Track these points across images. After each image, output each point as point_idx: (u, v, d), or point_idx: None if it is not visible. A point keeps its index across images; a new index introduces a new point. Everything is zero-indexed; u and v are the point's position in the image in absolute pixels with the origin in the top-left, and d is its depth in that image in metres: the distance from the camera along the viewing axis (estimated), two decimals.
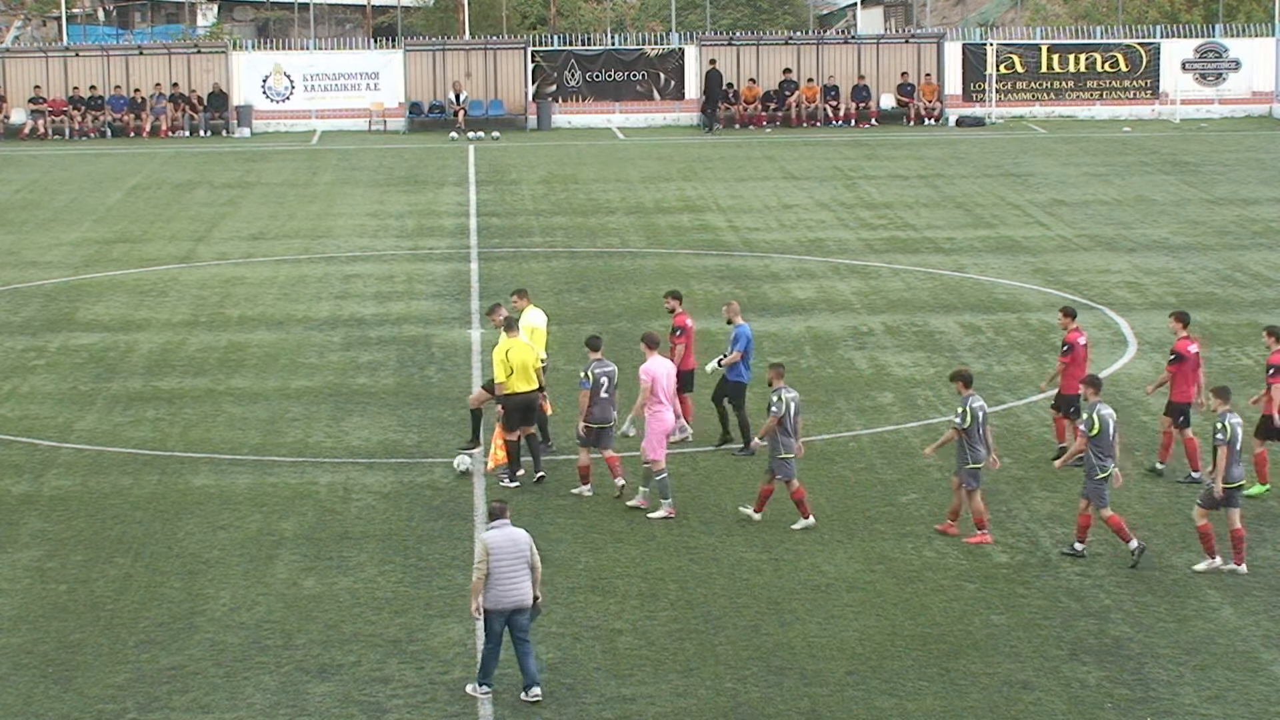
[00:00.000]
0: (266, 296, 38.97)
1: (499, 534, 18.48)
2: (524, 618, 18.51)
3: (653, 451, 24.37)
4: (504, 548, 18.39)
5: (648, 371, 24.73)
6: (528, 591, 18.47)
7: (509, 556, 18.38)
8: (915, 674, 19.13)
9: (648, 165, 60.01)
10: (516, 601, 18.40)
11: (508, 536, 18.47)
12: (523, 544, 18.48)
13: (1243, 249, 43.88)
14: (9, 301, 39.04)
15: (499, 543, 18.40)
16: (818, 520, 23.80)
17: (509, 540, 18.45)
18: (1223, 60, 72.93)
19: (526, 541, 18.54)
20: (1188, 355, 25.42)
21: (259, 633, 20.32)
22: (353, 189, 55.43)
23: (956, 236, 45.78)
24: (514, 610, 18.43)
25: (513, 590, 18.38)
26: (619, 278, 40.60)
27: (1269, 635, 20.14)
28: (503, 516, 18.59)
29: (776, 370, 24.11)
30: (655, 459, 24.30)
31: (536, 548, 18.74)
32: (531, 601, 18.51)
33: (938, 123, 70.96)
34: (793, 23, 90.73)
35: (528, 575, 18.47)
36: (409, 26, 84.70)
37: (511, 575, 18.37)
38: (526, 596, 18.46)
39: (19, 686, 19.00)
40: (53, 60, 70.73)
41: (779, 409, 23.46)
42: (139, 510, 24.73)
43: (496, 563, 18.34)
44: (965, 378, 23.51)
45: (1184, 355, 25.42)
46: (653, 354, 25.02)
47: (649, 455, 24.38)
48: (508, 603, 18.37)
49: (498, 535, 18.47)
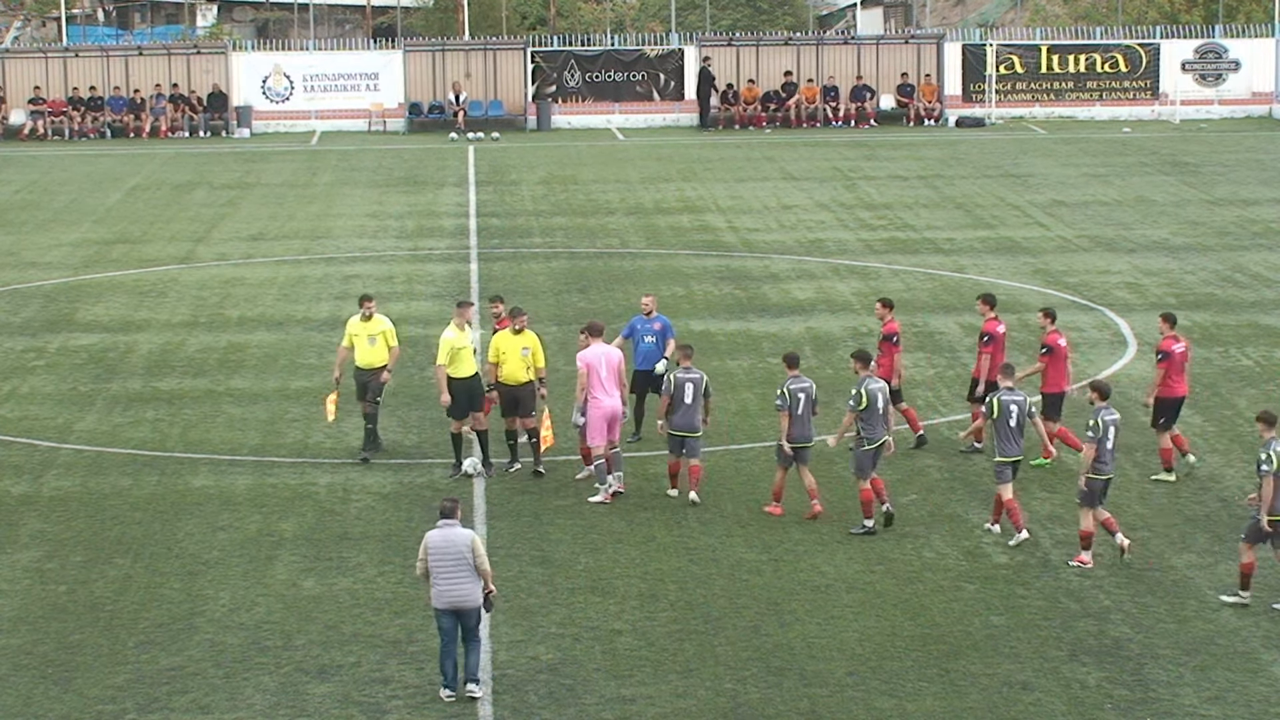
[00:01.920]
0: (266, 297, 38.97)
1: (438, 533, 18.49)
2: (471, 619, 18.50)
3: (591, 439, 24.83)
4: (440, 547, 18.40)
5: (583, 359, 25.07)
6: (469, 592, 18.38)
7: (447, 557, 18.36)
8: (915, 674, 19.13)
9: (647, 166, 60.02)
10: (454, 601, 18.35)
11: (446, 537, 18.44)
12: (460, 545, 18.38)
13: (1242, 250, 43.88)
14: (9, 302, 39.04)
15: (436, 542, 18.45)
16: (817, 521, 23.83)
17: (446, 541, 18.42)
18: (1222, 61, 72.94)
19: (466, 543, 18.40)
20: (1172, 353, 25.69)
21: (259, 633, 20.32)
22: (352, 189, 55.45)
23: (956, 237, 45.78)
24: (453, 610, 18.40)
25: (451, 589, 18.36)
26: (619, 278, 40.59)
27: (1269, 635, 20.13)
28: (449, 516, 18.52)
29: (860, 359, 24.02)
30: (594, 444, 24.79)
31: (484, 550, 18.55)
32: (480, 602, 18.47)
33: (937, 123, 70.97)
34: (792, 23, 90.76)
35: (469, 576, 18.37)
36: (409, 27, 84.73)
37: (449, 575, 18.35)
38: (468, 597, 18.38)
39: (19, 687, 19.00)
40: (52, 61, 70.76)
41: (856, 402, 23.40)
42: (139, 511, 24.72)
43: (435, 561, 18.39)
44: (863, 358, 23.87)
45: (1169, 353, 25.69)
46: (596, 342, 25.24)
47: (588, 441, 24.89)
48: (444, 602, 18.39)
49: (437, 535, 18.50)
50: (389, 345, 27.07)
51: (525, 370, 25.93)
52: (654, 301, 27.85)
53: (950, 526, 23.74)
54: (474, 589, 18.41)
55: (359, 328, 27.02)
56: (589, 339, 25.39)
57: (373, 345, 26.97)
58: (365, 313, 27.01)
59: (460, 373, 25.98)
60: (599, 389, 24.90)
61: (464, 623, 18.53)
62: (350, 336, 27.16)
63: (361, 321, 27.00)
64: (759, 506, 24.42)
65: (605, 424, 24.87)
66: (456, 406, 26.03)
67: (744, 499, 24.84)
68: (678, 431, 24.68)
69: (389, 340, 27.08)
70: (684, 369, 24.78)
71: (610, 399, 24.95)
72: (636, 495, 25.15)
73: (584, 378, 24.93)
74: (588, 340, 25.39)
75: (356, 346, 27.06)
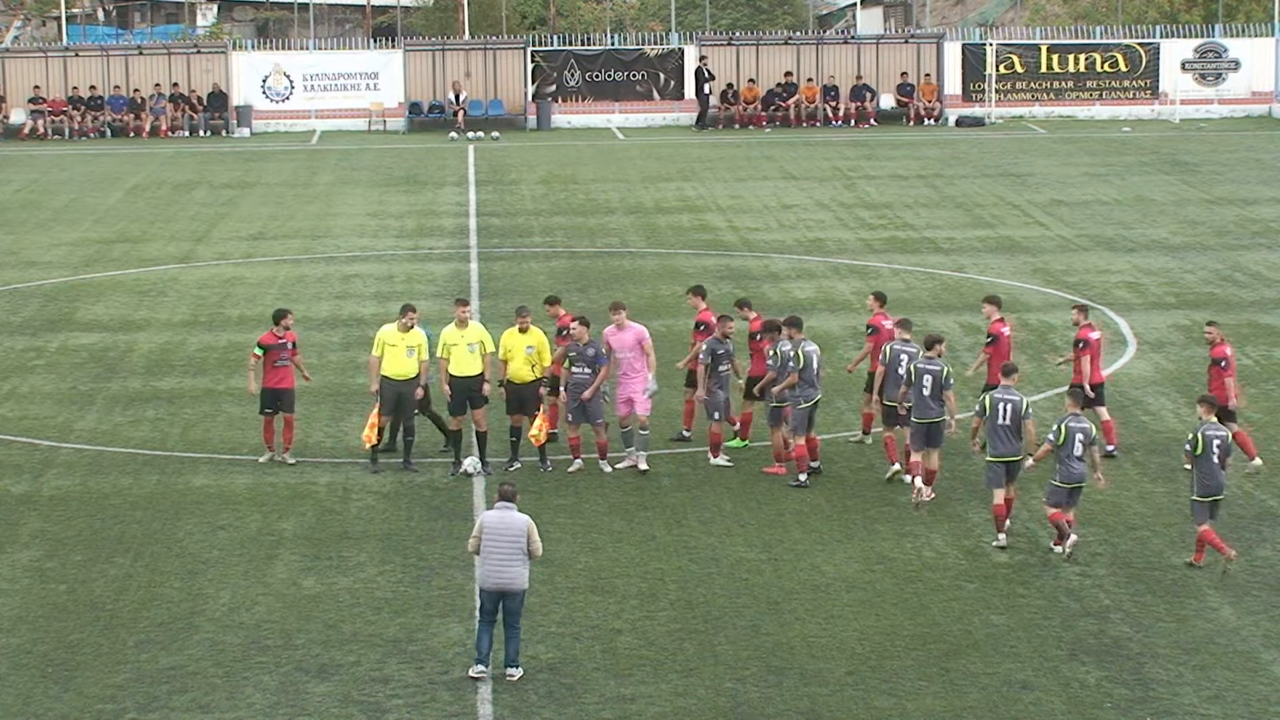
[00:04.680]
0: (266, 296, 38.95)
1: (495, 515, 18.99)
2: (514, 602, 18.81)
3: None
4: (496, 528, 18.85)
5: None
6: (517, 575, 18.78)
7: (502, 539, 18.79)
8: (915, 674, 19.14)
9: (647, 165, 60.01)
10: (501, 584, 18.76)
11: (502, 519, 18.91)
12: (516, 529, 18.83)
13: (1242, 249, 43.89)
14: (9, 301, 39.05)
15: (492, 522, 18.92)
16: (817, 520, 23.84)
17: (503, 523, 18.88)
18: (1222, 60, 72.92)
19: (521, 528, 18.85)
20: (1090, 341, 26.47)
21: (259, 633, 20.33)
22: (352, 189, 55.44)
23: (956, 236, 45.79)
24: (499, 592, 18.77)
25: (499, 572, 18.75)
26: (619, 278, 40.60)
27: (1269, 635, 20.14)
28: (508, 500, 19.05)
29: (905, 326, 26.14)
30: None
31: (538, 537, 19.06)
32: (525, 587, 18.90)
33: (937, 123, 70.95)
34: (792, 23, 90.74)
35: (520, 560, 18.78)
36: (409, 26, 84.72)
37: (499, 556, 18.77)
38: (514, 581, 18.78)
39: (18, 686, 19.00)
40: (52, 60, 70.73)
41: (796, 363, 25.43)
42: (139, 510, 24.73)
43: (488, 541, 18.82)
44: (796, 323, 25.91)
45: (1087, 341, 26.48)
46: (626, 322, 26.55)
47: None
48: (491, 584, 18.77)
49: (494, 516, 18.99)
50: (421, 359, 26.30)
51: (530, 369, 26.03)
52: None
53: (950, 526, 23.75)
54: (522, 572, 18.83)
55: (396, 338, 26.24)
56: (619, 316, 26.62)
57: (410, 357, 26.14)
58: (406, 323, 26.26)
59: (460, 371, 25.97)
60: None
61: (507, 605, 18.86)
62: (385, 346, 26.24)
63: (400, 332, 26.26)
64: (759, 506, 24.46)
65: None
66: (454, 403, 26.04)
67: (744, 499, 24.85)
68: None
69: (422, 353, 26.33)
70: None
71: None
72: (636, 495, 25.17)
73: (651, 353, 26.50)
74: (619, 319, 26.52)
75: (389, 357, 26.17)
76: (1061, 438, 22.31)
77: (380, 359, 26.28)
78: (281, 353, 26.58)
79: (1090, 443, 22.37)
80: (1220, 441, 22.01)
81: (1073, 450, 22.28)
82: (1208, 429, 22.08)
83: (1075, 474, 22.33)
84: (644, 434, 26.28)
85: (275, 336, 26.64)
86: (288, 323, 26.94)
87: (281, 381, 26.60)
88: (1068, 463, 22.32)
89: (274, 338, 26.62)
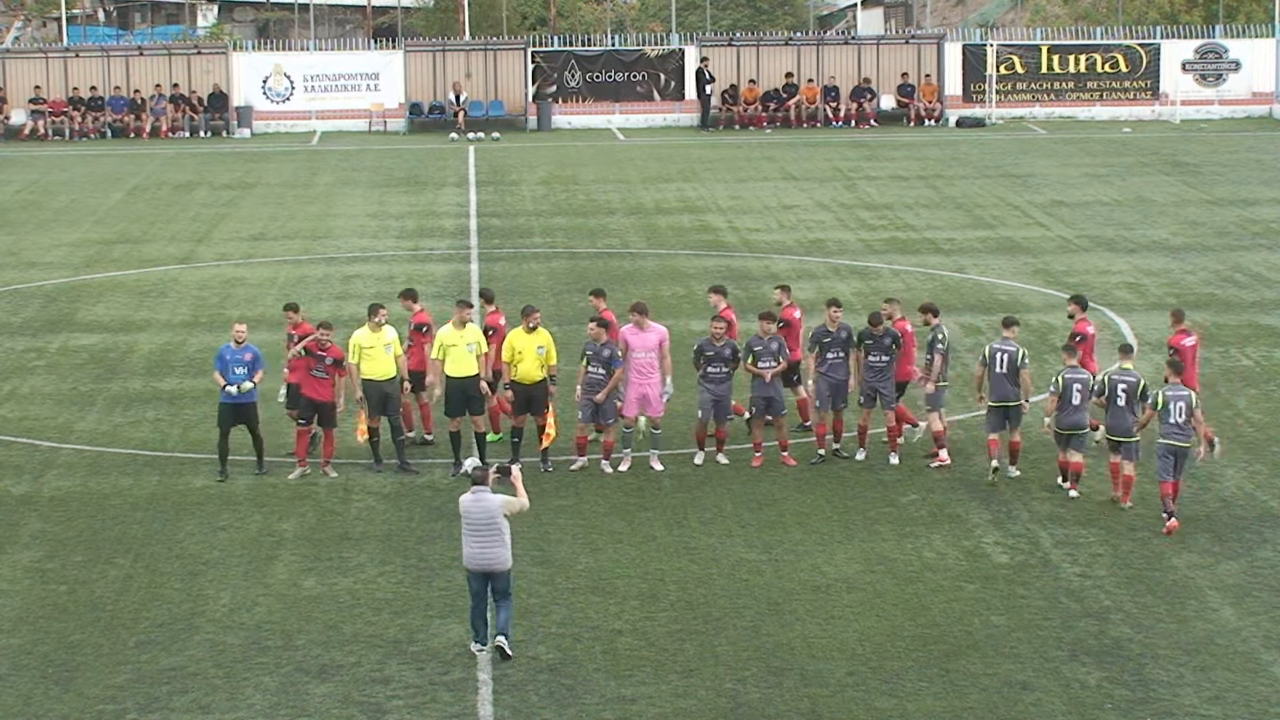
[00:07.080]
0: (266, 297, 38.97)
1: (470, 497, 19.53)
2: (500, 580, 19.34)
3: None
4: (472, 512, 19.44)
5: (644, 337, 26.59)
6: (498, 556, 19.31)
7: (479, 521, 19.36)
8: (915, 674, 19.14)
9: (648, 166, 60.02)
10: (484, 565, 19.35)
11: (477, 501, 19.46)
12: (492, 509, 19.41)
13: (1243, 250, 43.89)
14: (9, 302, 39.06)
15: (467, 506, 19.52)
16: (818, 521, 23.85)
17: (478, 506, 19.44)
18: (1223, 61, 72.94)
19: (496, 507, 19.42)
20: (1086, 335, 26.68)
21: (259, 633, 20.33)
22: (353, 190, 55.45)
23: (956, 237, 45.80)
24: (483, 572, 19.36)
25: (481, 552, 19.35)
26: (619, 278, 40.59)
27: (1269, 636, 20.14)
28: (480, 484, 19.53)
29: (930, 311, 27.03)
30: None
31: (515, 502, 19.59)
32: (509, 566, 19.44)
33: (938, 123, 70.97)
34: (793, 23, 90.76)
35: (499, 540, 19.32)
36: (409, 27, 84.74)
37: (479, 539, 19.35)
38: (496, 561, 19.31)
39: (19, 687, 19.01)
40: (53, 61, 70.75)
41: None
42: (139, 511, 24.74)
43: (466, 525, 19.42)
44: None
45: (1084, 335, 26.66)
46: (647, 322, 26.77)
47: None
48: (475, 564, 19.37)
49: (469, 498, 19.55)
50: (397, 354, 26.30)
51: (540, 369, 26.05)
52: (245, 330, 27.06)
53: (950, 526, 23.76)
54: (502, 552, 19.34)
55: (371, 339, 26.13)
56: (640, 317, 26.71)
57: (387, 354, 26.08)
58: (378, 321, 26.12)
59: (457, 371, 25.97)
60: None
61: (494, 584, 19.42)
62: (361, 350, 26.14)
63: (372, 332, 26.19)
64: (759, 506, 24.47)
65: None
66: (451, 404, 26.03)
67: (744, 499, 24.85)
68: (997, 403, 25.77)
69: (397, 349, 26.34)
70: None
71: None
72: (637, 496, 25.18)
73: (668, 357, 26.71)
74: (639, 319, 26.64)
75: (368, 359, 26.03)
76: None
77: (358, 366, 26.11)
78: (320, 363, 26.11)
79: (1089, 394, 24.45)
80: (1080, 385, 24.62)
81: (1071, 398, 24.56)
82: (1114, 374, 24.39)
83: (1075, 421, 24.65)
84: (657, 433, 26.54)
85: (318, 345, 26.17)
86: (295, 318, 27.13)
87: (319, 393, 26.05)
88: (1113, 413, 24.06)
89: (316, 345, 26.18)
